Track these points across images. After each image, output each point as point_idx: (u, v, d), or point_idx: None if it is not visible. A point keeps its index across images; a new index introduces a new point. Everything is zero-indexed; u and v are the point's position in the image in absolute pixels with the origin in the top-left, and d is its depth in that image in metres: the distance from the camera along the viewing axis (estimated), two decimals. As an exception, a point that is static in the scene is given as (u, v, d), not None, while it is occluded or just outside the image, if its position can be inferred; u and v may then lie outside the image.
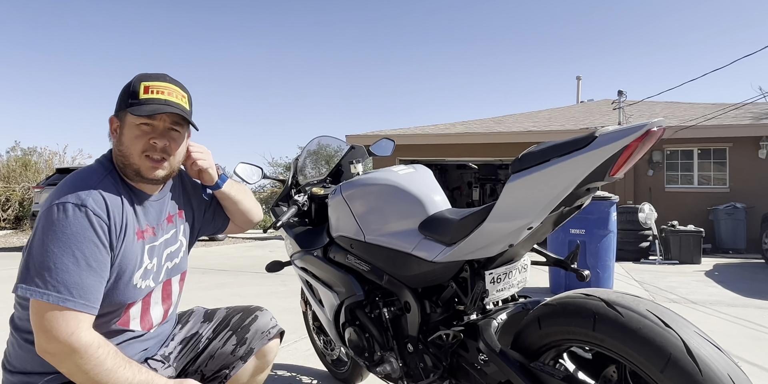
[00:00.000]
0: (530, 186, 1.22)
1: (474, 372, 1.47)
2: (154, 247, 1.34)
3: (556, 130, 11.70)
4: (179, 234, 1.46)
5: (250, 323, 1.50)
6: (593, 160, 1.12)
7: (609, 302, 1.16)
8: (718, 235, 10.04)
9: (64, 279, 1.09)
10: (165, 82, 1.28)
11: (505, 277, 1.50)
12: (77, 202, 1.14)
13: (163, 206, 1.39)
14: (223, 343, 1.46)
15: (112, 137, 1.29)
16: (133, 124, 1.25)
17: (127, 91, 1.26)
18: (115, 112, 1.28)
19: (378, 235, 1.71)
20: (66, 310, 1.08)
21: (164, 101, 1.26)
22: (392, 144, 2.40)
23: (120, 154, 1.27)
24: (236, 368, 1.44)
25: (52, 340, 1.08)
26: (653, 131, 1.06)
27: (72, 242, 1.11)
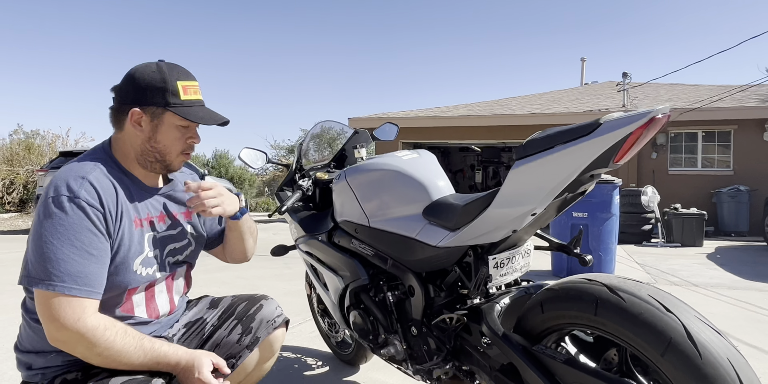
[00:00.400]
0: (534, 172, 1.23)
1: (477, 354, 1.49)
2: (156, 238, 1.36)
3: (559, 112, 11.63)
4: (187, 233, 1.47)
5: (255, 312, 1.52)
6: (597, 147, 1.13)
7: (611, 287, 1.18)
8: (721, 217, 10.05)
9: (66, 269, 1.11)
10: (194, 81, 1.33)
11: (508, 262, 1.51)
12: (70, 195, 1.16)
13: (171, 201, 1.41)
14: (229, 332, 1.48)
15: (135, 128, 1.28)
16: (173, 124, 1.29)
17: (162, 88, 1.26)
18: (141, 104, 1.27)
19: (382, 220, 1.72)
20: (70, 297, 1.11)
21: (201, 103, 1.33)
22: (396, 128, 2.41)
23: (154, 150, 1.30)
24: (243, 357, 1.45)
25: (61, 329, 1.11)
26: (658, 118, 1.06)
27: (70, 233, 1.14)
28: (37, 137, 17.88)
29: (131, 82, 1.27)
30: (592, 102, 12.96)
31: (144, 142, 1.29)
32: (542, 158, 1.20)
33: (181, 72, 1.30)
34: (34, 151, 16.55)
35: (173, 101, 1.26)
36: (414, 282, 1.65)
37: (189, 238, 1.47)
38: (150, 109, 1.27)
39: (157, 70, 1.27)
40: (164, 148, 1.31)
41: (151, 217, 1.35)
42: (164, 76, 1.26)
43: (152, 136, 1.29)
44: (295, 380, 2.29)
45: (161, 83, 1.26)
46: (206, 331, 1.49)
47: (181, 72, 1.30)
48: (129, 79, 1.28)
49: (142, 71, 1.27)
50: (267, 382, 2.26)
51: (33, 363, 1.24)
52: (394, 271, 1.73)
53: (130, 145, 1.31)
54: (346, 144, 2.32)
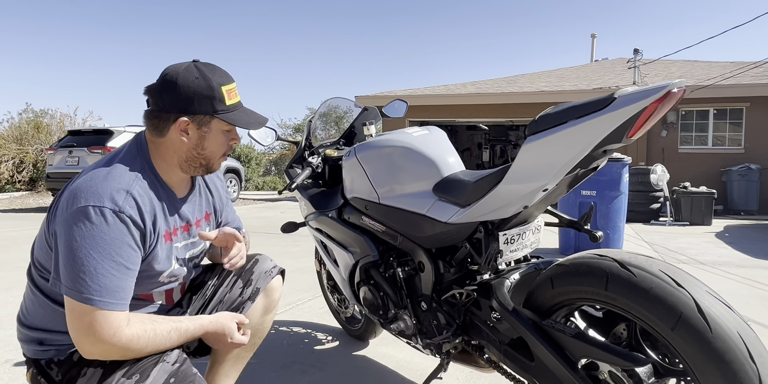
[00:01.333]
0: (546, 148, 1.22)
1: (486, 329, 1.51)
2: (179, 248, 1.37)
3: (568, 90, 11.50)
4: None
5: (252, 266, 1.57)
6: (611, 122, 1.12)
7: (622, 262, 1.18)
8: (731, 196, 9.98)
9: (105, 283, 1.11)
10: (233, 82, 1.32)
11: (518, 238, 1.52)
12: (115, 208, 1.14)
13: (192, 208, 1.42)
14: (230, 288, 1.53)
15: (181, 136, 1.27)
16: (221, 130, 1.30)
17: (210, 97, 1.25)
18: (189, 113, 1.25)
19: (392, 197, 1.72)
20: (107, 311, 1.11)
21: (241, 104, 1.34)
22: (405, 105, 2.39)
23: (200, 157, 1.31)
24: (246, 308, 1.51)
25: (96, 343, 1.12)
26: (673, 93, 1.05)
27: (112, 248, 1.13)
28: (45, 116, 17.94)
29: (175, 90, 1.23)
30: (602, 79, 12.79)
31: (190, 149, 1.29)
32: (555, 134, 1.19)
33: (222, 75, 1.29)
34: (43, 130, 16.61)
35: (220, 108, 1.26)
36: (424, 258, 1.66)
37: (205, 242, 1.50)
38: (197, 118, 1.26)
39: (201, 77, 1.24)
40: (210, 153, 1.32)
41: (178, 227, 1.36)
42: (210, 83, 1.24)
43: (199, 144, 1.29)
44: (306, 354, 2.33)
45: (208, 91, 1.24)
46: (208, 293, 1.54)
47: (222, 75, 1.29)
48: (171, 85, 1.23)
49: (185, 78, 1.23)
50: (278, 355, 2.30)
51: (45, 339, 1.26)
52: (404, 248, 1.74)
53: (174, 151, 1.29)
54: (355, 121, 2.32)
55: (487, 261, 1.45)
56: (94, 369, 1.21)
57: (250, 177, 20.84)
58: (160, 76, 1.27)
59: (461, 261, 1.62)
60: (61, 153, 9.56)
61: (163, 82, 1.25)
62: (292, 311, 3.04)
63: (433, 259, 1.66)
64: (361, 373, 2.14)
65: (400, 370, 2.17)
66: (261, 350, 2.34)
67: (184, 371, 1.23)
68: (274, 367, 2.17)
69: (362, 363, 2.24)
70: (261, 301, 1.54)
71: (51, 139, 15.53)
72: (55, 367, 1.25)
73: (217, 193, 1.54)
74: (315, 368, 2.18)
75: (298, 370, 2.16)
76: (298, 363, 2.23)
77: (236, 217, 1.68)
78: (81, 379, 1.21)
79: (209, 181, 1.52)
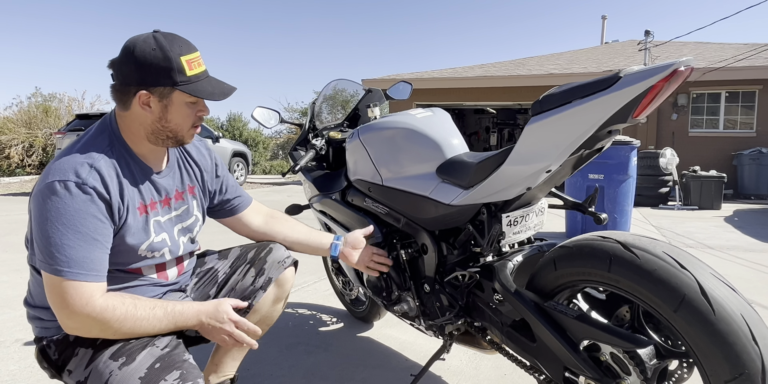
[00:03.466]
0: (551, 128, 1.20)
1: (489, 311, 1.51)
2: (160, 222, 1.36)
3: (577, 72, 11.35)
4: (193, 210, 1.47)
5: (266, 255, 1.56)
6: (616, 102, 1.10)
7: (625, 244, 1.17)
8: (741, 180, 9.88)
9: (71, 254, 1.12)
10: (196, 51, 1.28)
11: (522, 220, 1.51)
12: (77, 181, 1.15)
13: (171, 182, 1.40)
14: (243, 276, 1.53)
15: (144, 110, 1.25)
16: (183, 101, 1.27)
17: (167, 68, 1.21)
18: (148, 85, 1.23)
19: (395, 179, 1.72)
20: (76, 282, 1.12)
21: (206, 74, 1.29)
22: (410, 87, 2.37)
23: (165, 129, 1.29)
24: (257, 298, 1.50)
25: (71, 316, 1.13)
26: (680, 71, 1.03)
27: (76, 219, 1.14)
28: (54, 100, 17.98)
29: (132, 62, 1.20)
30: (612, 62, 12.61)
31: (154, 122, 1.27)
32: (559, 114, 1.18)
33: (182, 44, 1.25)
34: (52, 114, 16.66)
35: (180, 79, 1.23)
36: (427, 240, 1.66)
37: (195, 214, 1.48)
38: (157, 90, 1.23)
39: (158, 47, 1.21)
40: (176, 126, 1.29)
41: (156, 201, 1.35)
42: (166, 54, 1.21)
43: (162, 116, 1.27)
44: (311, 335, 2.35)
45: (165, 62, 1.21)
46: (220, 279, 1.54)
47: (182, 44, 1.25)
48: (128, 57, 1.21)
49: (141, 49, 1.20)
50: (283, 337, 2.32)
51: (45, 317, 1.27)
52: (407, 230, 1.73)
53: (139, 124, 1.28)
54: (360, 103, 2.30)
55: (490, 243, 1.44)
56: (86, 349, 1.22)
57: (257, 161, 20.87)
58: (121, 48, 1.25)
59: (464, 243, 1.62)
60: (70, 137, 9.59)
61: (121, 55, 1.23)
62: (297, 293, 3.06)
63: (436, 241, 1.65)
64: (365, 353, 2.15)
65: (403, 351, 2.18)
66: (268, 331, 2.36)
67: (172, 356, 1.21)
68: (280, 348, 2.19)
69: (366, 344, 2.26)
70: (272, 291, 1.53)
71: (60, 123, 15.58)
72: (53, 345, 1.26)
73: (204, 164, 1.50)
74: (320, 349, 2.19)
75: (303, 350, 2.18)
76: (303, 344, 2.25)
77: (239, 190, 1.63)
78: (74, 359, 1.22)
79: (194, 153, 1.49)
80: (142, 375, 1.15)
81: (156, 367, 1.17)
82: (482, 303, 1.54)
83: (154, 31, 1.25)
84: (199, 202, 1.50)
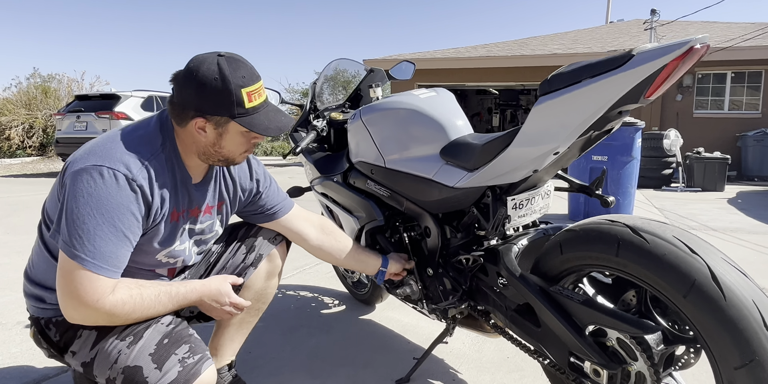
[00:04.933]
0: (559, 109, 1.16)
1: (493, 295, 1.49)
2: (185, 231, 1.35)
3: (581, 52, 11.21)
4: (216, 225, 1.46)
5: (256, 233, 1.55)
6: (628, 81, 1.06)
7: (634, 228, 1.14)
8: (745, 162, 9.82)
9: (100, 246, 1.09)
10: (258, 82, 1.24)
11: (527, 203, 1.48)
12: (128, 174, 1.13)
13: (204, 195, 1.38)
14: (233, 254, 1.52)
15: (198, 134, 1.23)
16: (238, 131, 1.25)
17: (227, 100, 1.19)
18: (205, 113, 1.20)
19: (398, 161, 1.68)
20: (95, 275, 1.09)
21: (265, 104, 1.28)
22: (412, 67, 2.32)
23: (217, 153, 1.28)
24: (248, 274, 1.50)
25: (80, 307, 1.10)
26: (696, 49, 0.98)
27: (115, 212, 1.11)
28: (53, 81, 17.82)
29: (193, 87, 1.18)
30: (617, 41, 12.44)
31: (207, 146, 1.26)
32: (568, 93, 1.14)
33: (246, 74, 1.21)
34: (51, 95, 16.53)
35: (238, 112, 1.21)
36: (430, 223, 1.64)
37: (217, 230, 1.47)
38: (214, 119, 1.21)
39: (220, 77, 1.17)
40: (229, 152, 1.28)
41: (188, 209, 1.33)
42: (228, 86, 1.18)
43: (216, 143, 1.25)
44: (313, 318, 2.35)
45: (225, 94, 1.18)
46: (212, 258, 1.53)
47: (246, 74, 1.21)
48: (190, 81, 1.18)
49: (204, 76, 1.17)
50: (285, 319, 2.32)
51: (46, 297, 1.25)
52: (410, 213, 1.71)
53: (192, 142, 1.27)
54: (361, 83, 2.25)
55: (495, 226, 1.41)
56: (89, 331, 1.20)
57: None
58: (185, 66, 1.22)
59: (468, 226, 1.59)
60: (69, 118, 9.53)
61: (184, 76, 1.20)
62: (299, 275, 3.05)
63: (439, 224, 1.63)
64: (368, 336, 2.15)
65: (405, 333, 2.18)
66: (268, 314, 2.35)
67: (178, 332, 1.22)
68: (282, 331, 2.19)
69: (368, 327, 2.25)
70: (264, 266, 1.53)
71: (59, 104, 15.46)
72: (53, 327, 1.25)
73: (243, 181, 1.48)
74: (321, 332, 2.19)
75: (305, 333, 2.17)
76: (305, 326, 2.24)
77: (279, 197, 1.58)
78: (77, 341, 1.21)
79: (234, 168, 1.46)
80: (152, 351, 1.16)
81: (165, 342, 1.18)
82: (486, 287, 1.52)
83: (218, 55, 1.22)
84: (224, 216, 1.48)
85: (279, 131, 1.27)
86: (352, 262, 1.68)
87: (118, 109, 9.21)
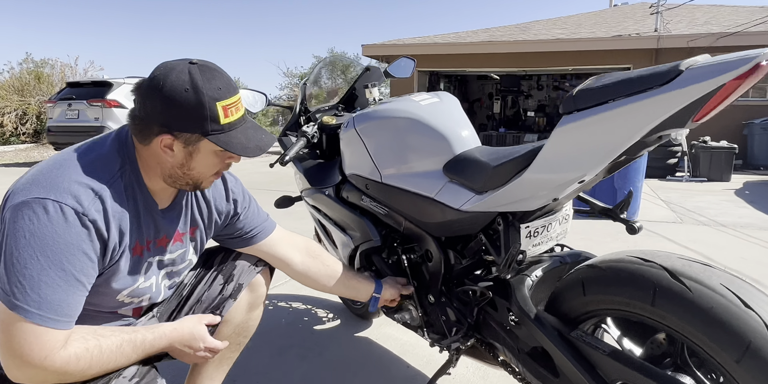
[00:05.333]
0: (587, 133, 0.98)
1: (503, 332, 1.32)
2: (151, 264, 1.17)
3: (585, 37, 10.92)
4: (188, 254, 1.27)
5: (235, 259, 1.37)
6: (675, 102, 0.87)
7: (673, 272, 0.97)
8: (751, 150, 9.61)
9: (47, 294, 0.92)
10: (235, 95, 1.06)
11: (543, 231, 1.30)
12: (77, 209, 0.95)
13: (173, 222, 1.20)
14: (209, 285, 1.34)
15: (164, 153, 1.05)
16: (211, 151, 1.07)
17: (200, 115, 1.01)
18: (173, 130, 1.02)
19: (396, 176, 1.50)
20: (43, 328, 0.92)
21: (243, 120, 1.10)
22: (412, 64, 2.12)
23: (186, 176, 1.10)
24: (226, 307, 1.32)
25: (24, 366, 0.92)
26: (763, 66, 0.80)
27: (63, 253, 0.94)
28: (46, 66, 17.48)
29: (159, 99, 1.00)
30: (622, 26, 12.13)
31: (174, 167, 1.08)
32: (599, 114, 0.95)
33: (221, 85, 1.03)
34: (44, 80, 16.22)
35: (212, 128, 1.03)
36: (432, 247, 1.46)
37: (190, 259, 1.29)
38: (183, 136, 1.03)
39: (191, 88, 0.99)
40: (198, 174, 1.10)
41: (153, 239, 1.15)
42: (200, 98, 0.99)
43: (185, 163, 1.07)
44: (305, 336, 2.18)
45: (197, 108, 1.00)
46: (184, 292, 1.34)
47: (221, 85, 1.03)
48: (155, 91, 1.00)
49: (172, 88, 0.99)
50: (274, 337, 2.16)
51: None
52: (409, 234, 1.53)
53: (157, 163, 1.09)
54: (356, 83, 2.05)
55: (507, 263, 1.22)
56: None
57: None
58: (150, 75, 1.02)
59: (475, 252, 1.42)
60: (61, 106, 9.29)
61: (149, 85, 1.01)
62: (291, 284, 2.88)
63: (442, 248, 1.45)
64: (363, 358, 1.99)
65: (404, 355, 2.02)
66: (257, 331, 2.18)
67: None
68: (271, 352, 2.03)
69: (364, 346, 2.09)
70: (245, 298, 1.36)
71: (53, 90, 15.16)
72: None
73: (218, 203, 1.29)
74: (314, 353, 2.03)
75: (296, 355, 2.01)
76: (296, 346, 2.08)
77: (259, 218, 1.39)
78: None
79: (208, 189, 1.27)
80: None
81: None
82: (495, 322, 1.35)
83: (190, 63, 1.02)
84: (198, 244, 1.30)
85: (259, 151, 1.09)
86: (342, 289, 1.51)
87: (110, 97, 8.97)
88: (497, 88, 15.41)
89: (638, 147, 0.99)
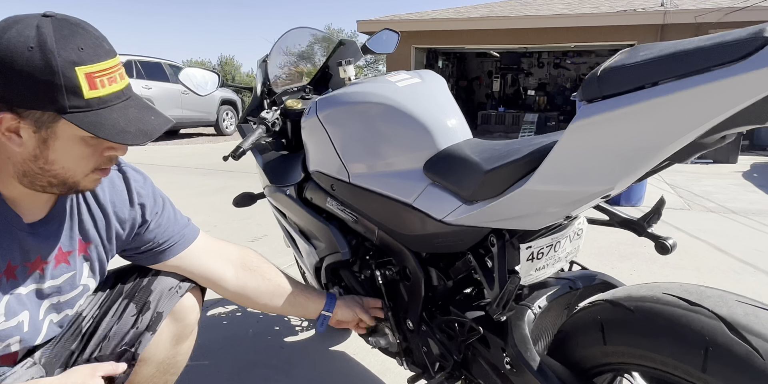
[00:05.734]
0: (618, 129, 0.68)
1: (497, 377, 1.05)
2: (21, 297, 0.89)
3: (589, 12, 10.49)
4: (80, 277, 0.99)
5: (150, 283, 1.08)
6: (756, 86, 0.58)
7: (733, 324, 0.69)
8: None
9: None
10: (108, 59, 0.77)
11: (549, 250, 1.01)
12: None
13: (51, 239, 0.91)
14: (118, 318, 1.04)
15: (10, 142, 0.76)
16: (75, 136, 0.78)
17: (50, 84, 0.72)
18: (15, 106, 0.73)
19: (367, 176, 1.21)
20: None
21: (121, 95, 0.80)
22: (396, 37, 1.81)
23: (46, 173, 0.81)
24: (144, 343, 1.03)
25: None
26: None
27: None
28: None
29: None
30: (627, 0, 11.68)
31: (28, 161, 0.79)
32: (635, 104, 0.65)
33: (85, 44, 0.74)
34: None
35: (71, 103, 0.74)
36: (411, 263, 1.18)
37: (84, 284, 1.00)
38: (31, 115, 0.74)
39: (38, 46, 0.71)
40: (63, 170, 0.81)
41: (19, 264, 0.87)
42: (50, 60, 0.71)
43: (40, 155, 0.78)
44: (273, 351, 1.92)
45: (46, 73, 0.71)
46: (84, 327, 1.05)
47: (85, 44, 0.74)
48: None
49: (10, 45, 0.71)
50: (238, 353, 1.89)
51: None
52: (383, 247, 1.25)
53: (6, 157, 0.80)
54: (329, 60, 1.74)
55: (503, 303, 0.93)
56: None
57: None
58: None
59: (463, 274, 1.13)
60: None
61: None
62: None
63: (423, 266, 1.17)
64: (337, 380, 1.73)
65: (384, 375, 1.75)
66: (220, 344, 1.93)
67: None
68: (230, 372, 1.76)
69: (340, 364, 1.83)
70: (167, 329, 1.06)
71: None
72: None
73: (119, 209, 1.01)
74: (281, 372, 1.76)
75: (260, 376, 1.74)
76: (261, 365, 1.81)
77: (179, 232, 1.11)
78: None
79: (103, 192, 0.99)
80: None
81: None
82: (487, 363, 1.07)
83: (43, 15, 0.73)
84: (96, 263, 1.01)
85: (144, 137, 0.79)
86: (288, 308, 1.24)
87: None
88: (497, 66, 14.99)
89: (691, 150, 0.70)
